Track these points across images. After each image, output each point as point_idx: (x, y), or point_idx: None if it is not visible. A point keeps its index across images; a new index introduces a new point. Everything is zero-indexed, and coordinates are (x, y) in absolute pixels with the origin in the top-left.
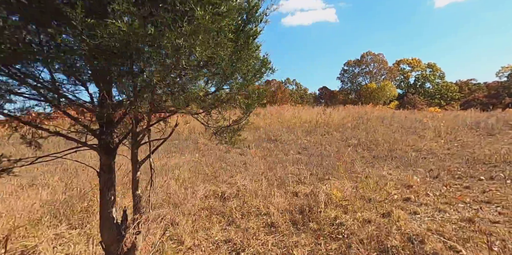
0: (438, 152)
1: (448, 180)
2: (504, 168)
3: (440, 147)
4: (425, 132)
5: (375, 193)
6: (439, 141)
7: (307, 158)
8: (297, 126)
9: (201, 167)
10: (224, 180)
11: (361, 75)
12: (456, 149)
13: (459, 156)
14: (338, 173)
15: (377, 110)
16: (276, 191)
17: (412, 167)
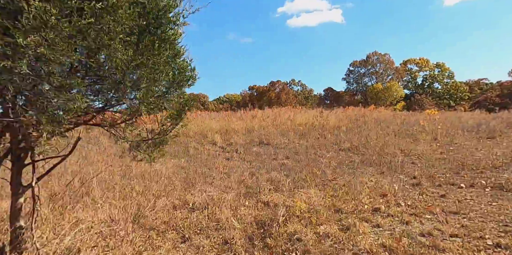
0: (430, 156)
1: (427, 188)
2: (490, 175)
3: (433, 151)
4: (421, 135)
5: (347, 202)
6: (433, 145)
7: (295, 164)
8: (291, 129)
9: (182, 173)
10: (201, 188)
11: (367, 76)
12: (449, 154)
13: (450, 161)
14: (316, 180)
15: (377, 112)
16: (247, 201)
17: (397, 173)
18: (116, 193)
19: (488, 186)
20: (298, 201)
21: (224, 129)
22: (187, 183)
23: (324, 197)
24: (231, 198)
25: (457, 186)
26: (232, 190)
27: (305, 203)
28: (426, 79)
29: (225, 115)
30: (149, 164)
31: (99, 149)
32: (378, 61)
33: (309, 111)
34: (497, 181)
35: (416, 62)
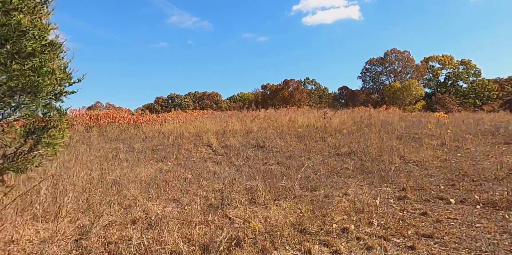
0: (431, 164)
1: (411, 202)
2: (488, 188)
3: (437, 158)
4: (427, 140)
5: (316, 220)
6: (439, 150)
7: (284, 170)
8: (291, 131)
9: (160, 180)
10: (169, 198)
11: (384, 74)
12: (453, 161)
13: (451, 170)
14: (297, 191)
15: (387, 113)
16: (212, 216)
17: (387, 183)
18: (76, 203)
19: (480, 202)
20: (252, 222)
21: (222, 130)
22: (159, 191)
23: (295, 212)
24: (196, 211)
25: (445, 201)
26: (205, 200)
27: (267, 220)
28: (449, 77)
29: (227, 116)
30: (130, 168)
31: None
32: (396, 58)
33: (314, 112)
34: (492, 196)
35: (438, 59)
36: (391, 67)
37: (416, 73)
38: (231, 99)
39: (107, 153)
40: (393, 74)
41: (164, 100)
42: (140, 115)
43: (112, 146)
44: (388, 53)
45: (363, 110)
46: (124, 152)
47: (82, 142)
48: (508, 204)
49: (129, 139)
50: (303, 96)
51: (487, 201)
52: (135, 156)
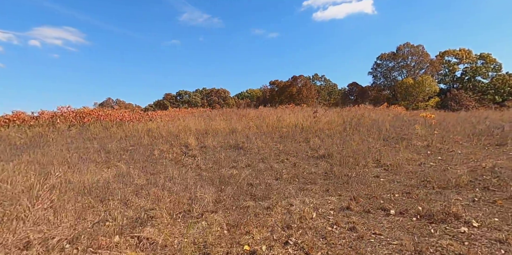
0: (403, 169)
1: (350, 214)
2: (440, 197)
3: (414, 162)
4: (415, 141)
5: (231, 239)
6: (421, 153)
7: (248, 174)
8: (276, 131)
9: (102, 188)
10: (97, 210)
11: (396, 70)
12: (429, 166)
13: (418, 176)
14: (243, 201)
15: (385, 111)
16: (124, 237)
17: (343, 190)
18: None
19: (419, 214)
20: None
21: (205, 130)
22: (95, 201)
23: (219, 228)
24: (109, 230)
25: (385, 213)
26: (135, 211)
27: (174, 240)
28: (466, 72)
29: (216, 115)
30: (80, 172)
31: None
32: (409, 53)
33: (308, 111)
34: (436, 207)
35: (455, 53)
36: (403, 62)
37: (430, 68)
38: (239, 96)
39: (72, 154)
40: (406, 69)
41: (172, 97)
42: (125, 113)
43: (85, 146)
44: (400, 47)
45: (358, 109)
46: (92, 153)
47: (55, 142)
48: (443, 217)
49: (106, 138)
50: (311, 93)
51: (425, 213)
52: (102, 158)
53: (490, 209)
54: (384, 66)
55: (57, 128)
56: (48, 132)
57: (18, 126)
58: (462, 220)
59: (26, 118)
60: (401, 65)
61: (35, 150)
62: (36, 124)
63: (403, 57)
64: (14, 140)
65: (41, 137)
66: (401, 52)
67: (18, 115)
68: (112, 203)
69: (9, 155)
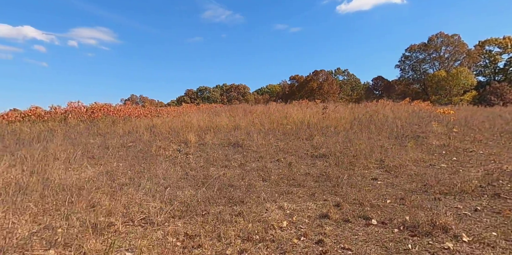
0: (407, 170)
1: (325, 223)
2: (438, 205)
3: (422, 163)
4: (431, 140)
5: (182, 253)
6: (435, 153)
7: (237, 174)
8: (281, 128)
9: (89, 187)
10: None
11: (427, 62)
12: (438, 167)
13: (422, 179)
14: (217, 207)
15: (400, 107)
16: (53, 251)
17: (332, 195)
18: None
19: (403, 225)
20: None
21: (207, 126)
22: (63, 202)
23: (170, 239)
24: (51, 239)
25: (366, 222)
26: (90, 214)
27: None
28: (510, 63)
29: (223, 111)
30: (72, 171)
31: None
32: (443, 44)
33: (319, 107)
34: (421, 218)
35: (498, 42)
36: (436, 54)
37: (467, 59)
38: (259, 92)
39: (73, 150)
40: (438, 61)
41: (193, 93)
42: (134, 109)
43: (88, 141)
44: (433, 38)
45: (374, 104)
46: (92, 148)
47: (61, 137)
48: (428, 229)
49: (110, 134)
50: (332, 88)
51: (411, 224)
52: (99, 154)
53: (491, 221)
54: (414, 58)
55: (68, 123)
56: (59, 127)
57: (34, 121)
58: (451, 234)
59: (41, 113)
60: (433, 57)
61: (37, 145)
62: (50, 119)
63: (435, 48)
64: (24, 134)
65: (50, 132)
66: (433, 43)
67: (34, 110)
68: (79, 205)
69: (11, 149)
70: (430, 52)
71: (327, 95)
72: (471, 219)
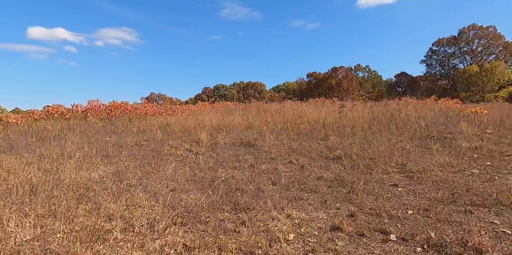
0: (432, 176)
1: (338, 238)
2: (470, 219)
3: (449, 168)
4: (460, 142)
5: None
6: (461, 157)
7: (240, 179)
8: (295, 128)
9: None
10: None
11: (457, 56)
12: (468, 174)
13: (450, 187)
14: (218, 213)
15: (425, 106)
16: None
17: (346, 203)
18: None
19: (427, 243)
20: None
21: (220, 125)
22: (69, 204)
23: (167, 250)
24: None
25: (383, 238)
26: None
27: None
28: None
29: (237, 109)
30: (83, 171)
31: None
32: (476, 36)
33: (337, 105)
34: (450, 235)
35: None
36: (467, 47)
37: (504, 52)
38: (275, 89)
39: (91, 148)
40: (470, 55)
41: (210, 91)
42: (150, 107)
43: (105, 140)
44: (464, 30)
45: (396, 102)
46: (107, 147)
47: (79, 135)
48: (459, 250)
49: (126, 132)
50: (352, 85)
51: (438, 242)
52: (115, 152)
53: None
54: (442, 53)
55: (88, 121)
56: (78, 125)
57: (56, 118)
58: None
59: (63, 111)
60: (464, 51)
61: (56, 143)
62: (71, 117)
63: (467, 41)
64: (46, 131)
65: (69, 129)
66: (464, 36)
67: (57, 108)
68: (84, 207)
69: (33, 146)
70: (461, 46)
71: (346, 93)
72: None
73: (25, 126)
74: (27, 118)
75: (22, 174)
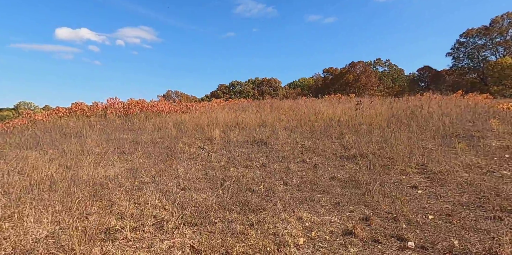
0: (456, 178)
1: (351, 243)
2: (499, 226)
3: (476, 169)
4: (490, 141)
5: None
6: (490, 158)
7: (251, 178)
8: (309, 125)
9: (109, 184)
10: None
11: (488, 48)
12: (505, 175)
13: (476, 190)
14: (226, 214)
15: (451, 101)
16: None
17: (360, 205)
18: None
19: (449, 252)
20: None
21: (233, 123)
22: (83, 201)
23: (175, 252)
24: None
25: (401, 245)
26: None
27: None
28: None
29: (250, 106)
30: (100, 168)
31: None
32: (511, 25)
33: (352, 102)
34: (475, 244)
35: None
36: (500, 38)
37: None
38: (291, 85)
39: (109, 145)
40: (503, 46)
41: (226, 87)
42: (165, 105)
43: (122, 137)
44: (497, 19)
45: (418, 98)
46: (124, 144)
47: (99, 132)
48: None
49: (142, 129)
50: (370, 80)
51: (462, 251)
52: (131, 149)
53: None
54: (470, 45)
55: (107, 118)
56: (98, 122)
57: (78, 116)
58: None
59: (84, 109)
60: (497, 42)
61: (77, 140)
62: (92, 114)
63: (500, 31)
64: (69, 128)
65: (90, 126)
66: (497, 25)
67: (79, 106)
68: (98, 205)
69: (57, 143)
70: (493, 36)
71: (365, 88)
72: None
73: (51, 123)
74: (52, 115)
75: (44, 170)
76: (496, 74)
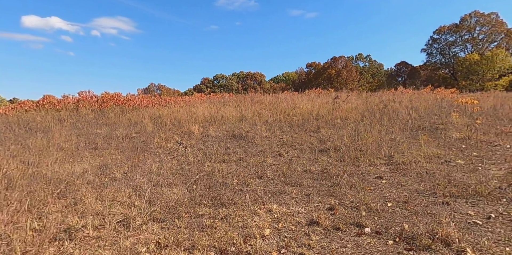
0: (416, 168)
1: (314, 232)
2: (446, 210)
3: (436, 159)
4: (450, 132)
5: None
6: (449, 148)
7: (226, 172)
8: (288, 120)
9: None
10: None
11: (458, 44)
12: (454, 164)
13: (432, 178)
14: (200, 208)
15: (421, 96)
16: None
17: (328, 196)
18: None
19: (400, 235)
20: None
21: (214, 117)
22: (46, 200)
23: (139, 249)
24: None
25: (358, 231)
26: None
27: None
28: None
29: (230, 101)
30: (68, 164)
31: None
32: (478, 23)
33: (332, 96)
34: (421, 227)
35: None
36: (468, 35)
37: (506, 40)
38: (275, 80)
39: (80, 141)
40: (471, 43)
41: (210, 81)
42: (143, 98)
43: (94, 132)
44: (466, 18)
45: (391, 93)
46: (96, 139)
47: (69, 127)
48: (427, 242)
49: (116, 124)
50: (351, 75)
51: (409, 234)
52: (104, 144)
53: (506, 232)
54: (443, 41)
55: (79, 113)
56: (69, 117)
57: (47, 110)
58: (454, 248)
59: (54, 102)
60: (465, 39)
61: (44, 135)
62: (62, 108)
63: (468, 29)
64: (35, 123)
65: (60, 121)
66: (466, 23)
67: (48, 99)
68: (62, 202)
69: (21, 138)
70: (462, 34)
71: (346, 83)
72: (482, 229)
73: (15, 117)
74: (17, 109)
75: (3, 167)
76: (465, 69)
